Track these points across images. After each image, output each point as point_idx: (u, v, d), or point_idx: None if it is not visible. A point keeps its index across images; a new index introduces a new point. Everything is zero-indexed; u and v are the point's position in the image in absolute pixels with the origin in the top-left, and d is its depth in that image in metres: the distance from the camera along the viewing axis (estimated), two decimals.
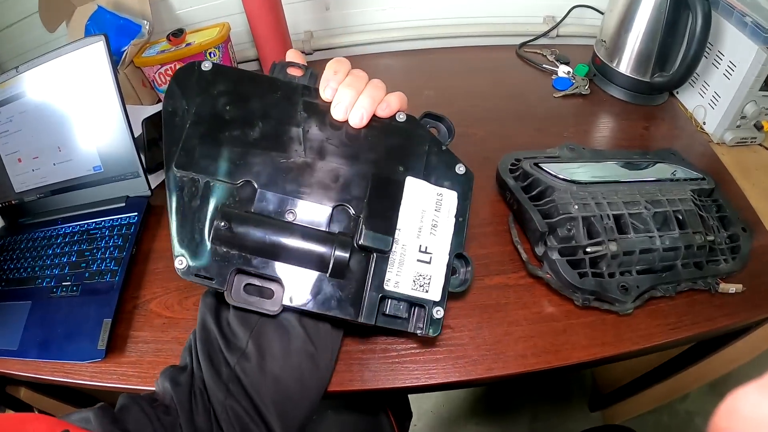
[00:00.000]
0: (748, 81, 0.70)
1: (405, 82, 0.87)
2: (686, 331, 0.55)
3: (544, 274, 0.53)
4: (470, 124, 0.74)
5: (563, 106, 0.80)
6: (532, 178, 0.59)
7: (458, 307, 0.54)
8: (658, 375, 0.89)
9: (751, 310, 0.57)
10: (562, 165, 0.61)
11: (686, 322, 0.55)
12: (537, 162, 0.60)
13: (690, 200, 0.60)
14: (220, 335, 0.40)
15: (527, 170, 0.60)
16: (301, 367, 0.41)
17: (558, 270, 0.53)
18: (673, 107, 0.82)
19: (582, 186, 0.58)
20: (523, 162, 0.61)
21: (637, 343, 0.53)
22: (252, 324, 0.41)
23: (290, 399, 0.40)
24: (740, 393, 0.18)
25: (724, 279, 0.59)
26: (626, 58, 0.79)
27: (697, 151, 0.76)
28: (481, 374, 0.49)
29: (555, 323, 0.53)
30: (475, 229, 0.61)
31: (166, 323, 0.54)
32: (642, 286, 0.54)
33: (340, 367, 0.49)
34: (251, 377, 0.39)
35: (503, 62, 0.89)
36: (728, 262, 0.59)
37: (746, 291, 0.57)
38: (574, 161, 0.63)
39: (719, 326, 0.56)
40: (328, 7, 0.92)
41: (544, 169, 0.59)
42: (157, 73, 0.85)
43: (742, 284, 0.57)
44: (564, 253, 0.54)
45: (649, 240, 0.55)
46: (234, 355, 0.39)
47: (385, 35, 0.93)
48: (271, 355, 0.40)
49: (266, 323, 0.41)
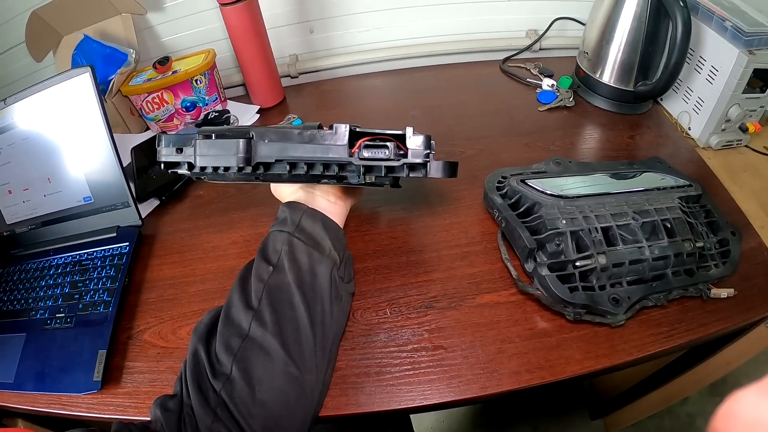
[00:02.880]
0: (730, 84, 0.71)
1: (391, 102, 0.88)
2: (680, 339, 0.55)
3: (534, 290, 0.53)
4: (458, 143, 0.75)
5: (549, 119, 0.80)
6: (518, 195, 0.59)
7: (451, 327, 0.54)
8: (656, 381, 0.89)
9: (743, 313, 0.57)
10: (549, 180, 0.61)
11: (680, 330, 0.55)
12: (523, 178, 0.61)
13: (678, 208, 0.60)
14: (208, 362, 0.41)
15: (514, 187, 0.60)
16: (285, 390, 0.41)
17: (548, 285, 0.53)
18: (658, 114, 0.83)
19: (569, 200, 0.58)
20: (510, 179, 0.61)
21: (632, 353, 0.53)
22: (234, 349, 0.41)
23: (277, 423, 0.40)
24: (739, 396, 0.18)
25: (715, 284, 0.59)
26: (609, 68, 0.80)
27: (684, 157, 0.76)
28: (475, 393, 0.49)
29: (548, 338, 0.53)
30: (464, 248, 0.61)
31: (160, 353, 0.55)
32: (633, 296, 0.54)
33: (334, 392, 0.49)
34: (237, 402, 0.39)
35: (488, 78, 0.90)
36: (719, 267, 0.59)
37: (738, 294, 0.57)
38: (560, 175, 0.63)
39: (713, 331, 0.56)
40: (312, 31, 0.93)
41: (530, 185, 0.60)
42: (144, 101, 0.85)
43: (733, 288, 0.57)
44: (553, 268, 0.54)
45: (638, 250, 0.55)
46: (219, 380, 0.40)
47: (369, 56, 0.94)
48: (255, 379, 0.40)
49: (248, 348, 0.41)
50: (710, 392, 1.15)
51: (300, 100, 0.91)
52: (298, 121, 0.84)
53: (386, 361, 0.51)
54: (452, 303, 0.56)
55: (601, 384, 1.19)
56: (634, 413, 1.05)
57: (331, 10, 0.91)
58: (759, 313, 0.58)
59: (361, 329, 0.54)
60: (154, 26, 0.92)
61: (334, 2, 0.90)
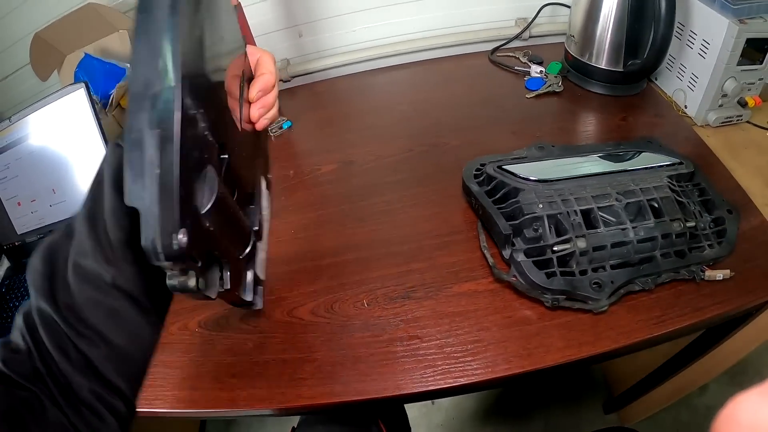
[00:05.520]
0: (723, 57, 0.68)
1: (381, 99, 0.89)
2: (672, 324, 0.52)
3: (509, 277, 0.52)
4: (444, 134, 0.74)
5: (537, 106, 0.79)
6: (495, 181, 0.59)
7: (427, 316, 0.54)
8: (667, 371, 0.86)
9: (743, 296, 0.54)
10: (528, 165, 0.60)
11: (672, 315, 0.53)
12: (500, 165, 0.60)
13: (666, 187, 0.58)
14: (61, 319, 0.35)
15: (491, 174, 0.59)
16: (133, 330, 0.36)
17: (524, 272, 0.52)
18: (652, 94, 0.81)
19: (548, 184, 0.57)
20: (487, 166, 0.60)
21: (618, 341, 0.51)
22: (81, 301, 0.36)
23: (134, 363, 0.37)
24: (741, 399, 0.17)
25: (710, 266, 0.56)
26: (597, 50, 0.78)
27: (681, 136, 0.74)
28: (449, 383, 0.48)
29: (527, 326, 0.52)
30: (445, 237, 0.60)
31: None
32: (617, 281, 0.52)
33: (312, 382, 0.50)
34: (95, 354, 0.35)
35: (477, 69, 0.89)
36: (713, 247, 0.57)
37: (736, 276, 0.55)
38: (541, 160, 0.62)
39: (710, 316, 0.53)
40: (301, 34, 0.95)
41: (508, 170, 0.59)
42: None
43: (729, 269, 0.55)
44: (531, 254, 0.53)
45: (622, 232, 0.54)
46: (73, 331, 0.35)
47: (358, 55, 0.95)
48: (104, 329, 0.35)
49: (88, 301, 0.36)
50: (730, 382, 1.10)
51: (293, 102, 0.93)
52: (287, 123, 0.85)
53: (362, 350, 0.51)
54: (430, 293, 0.55)
55: (614, 377, 1.16)
56: (647, 406, 1.01)
57: (318, 13, 0.92)
58: (760, 296, 0.55)
59: (339, 320, 0.54)
60: None
61: (320, 5, 0.91)
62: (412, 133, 0.76)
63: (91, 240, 0.34)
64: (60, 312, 0.34)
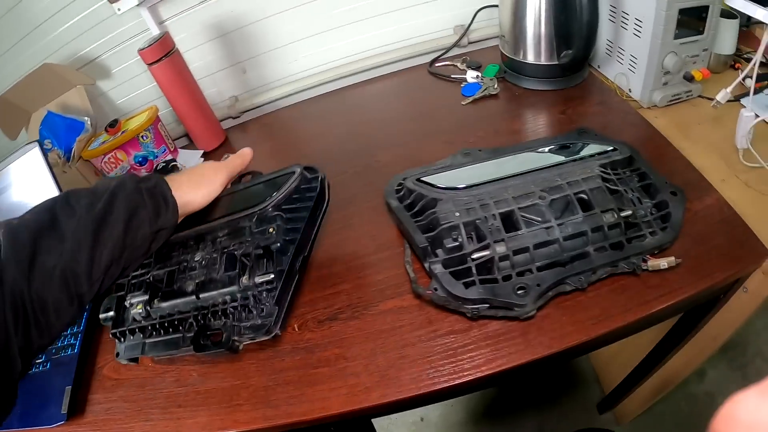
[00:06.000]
0: (658, 33, 0.65)
1: (320, 125, 0.88)
2: (614, 323, 0.48)
3: (425, 291, 0.50)
4: (377, 153, 0.73)
5: (473, 111, 0.77)
6: (414, 194, 0.57)
7: (353, 336, 0.52)
8: (648, 367, 0.82)
9: (699, 281, 0.50)
10: (449, 173, 0.58)
11: (614, 312, 0.49)
12: (420, 177, 0.58)
13: (598, 177, 0.55)
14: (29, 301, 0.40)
15: (410, 187, 0.57)
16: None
17: (442, 284, 0.49)
18: (595, 83, 0.78)
19: (467, 190, 0.55)
20: (407, 180, 0.59)
21: (551, 346, 0.47)
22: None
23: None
24: (739, 397, 0.17)
25: (655, 255, 0.52)
26: (529, 46, 0.76)
27: (625, 121, 0.70)
28: (375, 401, 0.47)
29: (453, 340, 0.49)
30: (372, 256, 0.59)
31: (114, 384, 0.58)
32: (544, 283, 0.49)
33: (246, 407, 0.50)
34: (37, 344, 0.40)
35: (415, 83, 0.88)
36: (656, 234, 0.53)
37: (690, 261, 0.51)
38: (465, 166, 0.60)
39: (660, 308, 0.49)
40: (245, 71, 0.96)
41: (426, 182, 0.57)
42: (102, 162, 0.91)
43: (675, 257, 0.51)
44: (451, 264, 0.51)
45: (546, 231, 0.51)
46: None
47: (301, 84, 0.96)
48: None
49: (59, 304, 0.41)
50: (729, 366, 1.03)
51: (243, 137, 0.94)
52: None
53: (291, 374, 0.51)
54: (356, 312, 0.54)
55: (604, 375, 1.12)
56: (638, 402, 0.97)
57: (258, 48, 0.94)
58: (716, 279, 0.51)
59: (271, 346, 0.54)
60: (106, 92, 0.99)
61: (259, 39, 0.93)
62: (347, 155, 0.75)
63: (89, 256, 0.40)
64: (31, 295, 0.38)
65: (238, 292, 0.50)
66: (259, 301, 0.50)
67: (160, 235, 0.48)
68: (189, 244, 0.55)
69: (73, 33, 0.91)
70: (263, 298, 0.50)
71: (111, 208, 0.43)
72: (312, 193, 0.55)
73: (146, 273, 0.55)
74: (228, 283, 0.51)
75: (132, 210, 0.44)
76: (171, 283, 0.53)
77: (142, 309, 0.52)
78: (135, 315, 0.54)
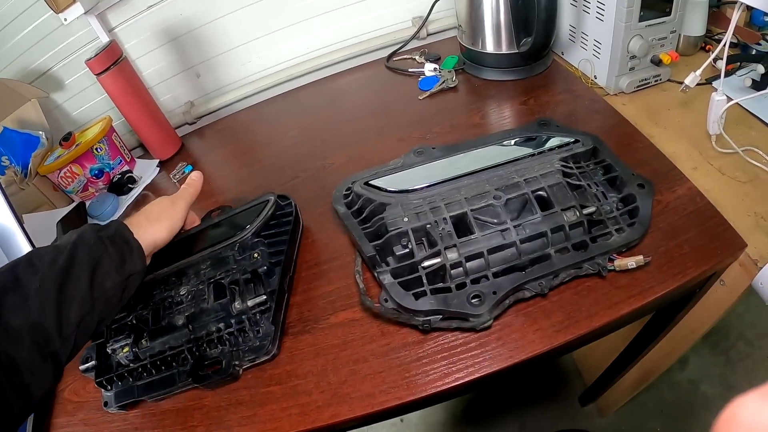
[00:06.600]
0: (621, 16, 0.61)
1: (274, 128, 0.84)
2: (581, 328, 0.45)
3: (373, 304, 0.46)
4: (329, 155, 0.69)
5: (430, 106, 0.73)
6: (362, 199, 0.52)
7: (304, 352, 0.49)
8: (627, 359, 0.80)
9: (667, 280, 0.46)
10: (399, 175, 0.54)
11: (579, 317, 0.45)
12: (368, 180, 0.54)
13: (558, 172, 0.51)
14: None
15: (358, 192, 0.53)
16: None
17: (391, 295, 0.45)
18: (559, 71, 0.74)
19: (417, 193, 0.51)
20: (355, 185, 0.54)
21: (512, 356, 0.44)
22: None
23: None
24: (740, 401, 0.17)
25: (623, 253, 0.48)
26: (487, 35, 0.72)
27: (592, 109, 0.66)
28: (326, 421, 0.43)
29: (407, 354, 0.45)
30: (323, 266, 0.55)
31: (74, 407, 0.55)
32: (501, 290, 0.45)
33: (200, 429, 0.48)
34: (17, 404, 0.38)
35: (371, 79, 0.84)
36: (623, 231, 0.49)
37: (660, 257, 0.47)
38: (417, 166, 0.56)
39: (628, 311, 0.45)
40: (199, 75, 0.92)
41: (374, 185, 0.53)
42: (59, 177, 0.87)
43: (643, 255, 0.47)
44: (401, 273, 0.46)
45: (501, 234, 0.47)
46: None
47: (256, 86, 0.91)
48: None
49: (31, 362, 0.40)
50: (711, 352, 1.00)
51: (199, 143, 0.89)
52: (188, 167, 0.81)
53: (243, 393, 0.48)
54: (306, 327, 0.51)
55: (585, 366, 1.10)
56: (619, 394, 0.94)
57: (211, 51, 0.89)
58: (690, 275, 0.47)
59: None
60: (61, 104, 0.94)
61: (211, 42, 0.88)
62: (300, 159, 0.71)
63: (55, 312, 0.39)
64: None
65: (232, 318, 0.48)
66: (254, 323, 0.49)
67: (132, 281, 0.46)
68: (171, 281, 0.54)
69: (23, 46, 0.87)
70: (258, 320, 0.49)
71: (73, 261, 0.42)
72: (288, 218, 0.56)
73: (127, 316, 0.52)
74: (220, 310, 0.49)
75: (95, 261, 0.43)
76: (158, 320, 0.51)
77: (129, 351, 0.49)
78: (121, 359, 0.50)
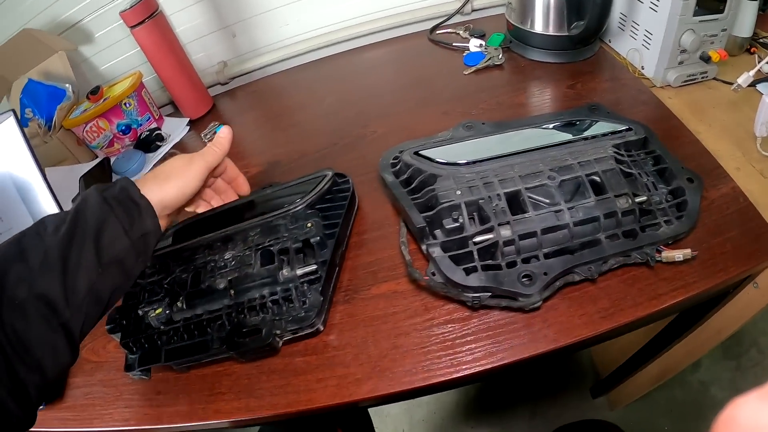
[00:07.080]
0: (676, 8, 0.60)
1: (311, 93, 0.83)
2: (623, 317, 0.45)
3: (422, 277, 0.45)
4: (370, 123, 0.68)
5: (474, 82, 0.71)
6: (411, 169, 0.52)
7: (343, 322, 0.48)
8: (648, 354, 0.80)
9: (711, 276, 0.46)
10: (450, 147, 0.53)
11: (623, 306, 0.45)
12: (418, 150, 0.53)
13: (611, 158, 0.51)
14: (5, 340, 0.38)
15: (407, 161, 0.52)
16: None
17: (440, 269, 0.45)
18: (606, 58, 0.73)
19: (470, 166, 0.50)
20: (404, 153, 0.53)
21: (557, 340, 0.44)
22: None
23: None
24: (740, 401, 0.17)
25: (669, 245, 0.48)
26: (538, 15, 0.70)
27: (638, 99, 0.66)
28: (364, 395, 0.43)
29: (452, 329, 0.45)
30: (364, 235, 0.54)
31: (93, 367, 0.55)
32: (552, 271, 0.45)
33: (229, 396, 0.47)
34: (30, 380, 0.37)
35: (413, 50, 0.82)
36: (672, 223, 0.49)
37: (703, 253, 0.47)
38: (469, 140, 0.55)
39: (671, 303, 0.45)
40: (235, 34, 0.89)
41: (425, 156, 0.52)
42: (84, 131, 0.86)
43: (691, 248, 0.47)
44: (450, 247, 0.46)
45: (555, 215, 0.46)
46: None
47: (293, 49, 0.89)
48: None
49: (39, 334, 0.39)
50: (724, 356, 1.02)
51: (230, 104, 0.88)
52: (219, 127, 0.80)
53: (277, 361, 0.47)
54: (346, 296, 0.50)
55: (600, 359, 1.10)
56: (634, 388, 0.95)
57: (249, 10, 0.87)
58: (731, 274, 0.47)
59: None
60: (89, 58, 0.92)
61: (248, 2, 0.86)
62: (339, 125, 0.70)
63: (61, 282, 0.37)
64: (5, 332, 0.36)
65: (278, 285, 0.47)
66: (301, 294, 0.47)
67: (146, 242, 0.43)
68: (215, 246, 0.53)
69: None
70: (306, 291, 0.48)
71: (75, 228, 0.40)
72: (344, 193, 0.55)
73: (165, 278, 0.51)
74: (267, 276, 0.48)
75: (100, 225, 0.41)
76: (197, 283, 0.50)
77: (162, 313, 0.48)
78: (152, 321, 0.49)
